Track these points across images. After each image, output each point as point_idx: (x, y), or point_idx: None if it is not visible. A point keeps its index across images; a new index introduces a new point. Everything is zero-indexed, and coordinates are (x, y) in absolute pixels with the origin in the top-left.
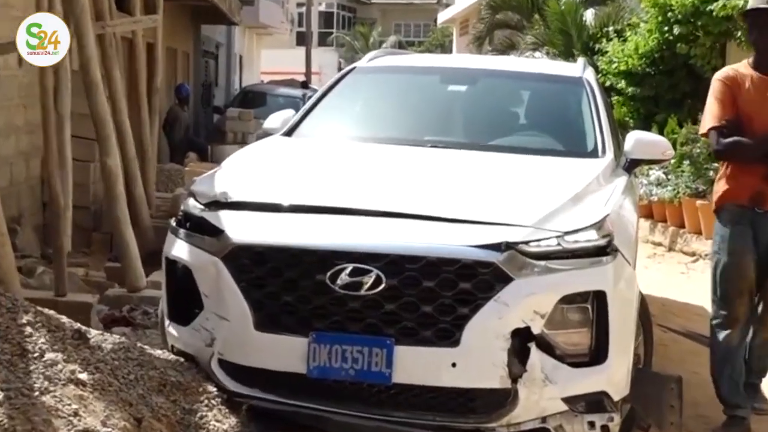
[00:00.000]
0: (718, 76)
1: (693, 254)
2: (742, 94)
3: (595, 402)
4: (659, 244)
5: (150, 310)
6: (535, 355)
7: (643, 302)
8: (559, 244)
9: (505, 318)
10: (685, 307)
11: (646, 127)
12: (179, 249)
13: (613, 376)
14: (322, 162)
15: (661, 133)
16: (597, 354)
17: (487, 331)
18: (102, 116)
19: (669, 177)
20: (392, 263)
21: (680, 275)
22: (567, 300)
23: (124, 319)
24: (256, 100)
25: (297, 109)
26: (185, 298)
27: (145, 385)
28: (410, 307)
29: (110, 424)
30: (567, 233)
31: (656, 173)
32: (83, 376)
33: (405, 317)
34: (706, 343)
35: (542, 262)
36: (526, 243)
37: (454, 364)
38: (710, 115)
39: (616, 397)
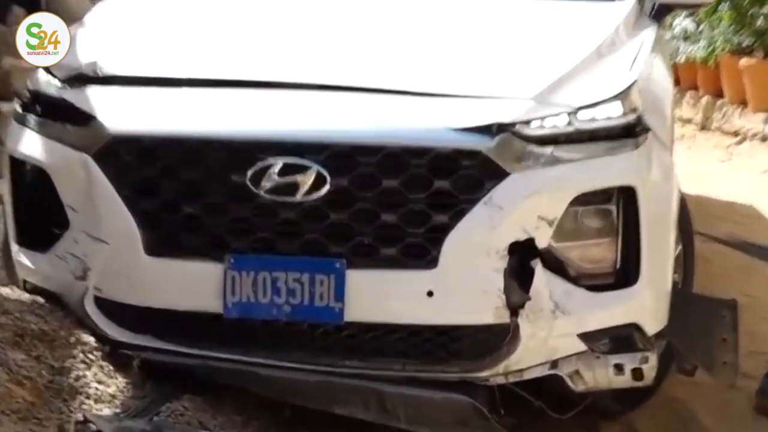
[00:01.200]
0: None
1: (736, 134)
2: None
3: (624, 338)
4: (689, 121)
5: None
6: (541, 276)
7: (683, 202)
8: (570, 124)
9: (499, 227)
10: (730, 207)
11: None
12: (29, 144)
13: (647, 303)
14: (225, 13)
15: None
16: (625, 273)
17: (475, 247)
18: None
19: (701, 28)
20: (339, 156)
21: (719, 164)
22: (583, 200)
23: None
24: None
25: None
26: (40, 214)
27: None
28: (366, 217)
29: None
30: (581, 108)
31: (683, 23)
32: None
33: (359, 231)
34: (761, 255)
35: (548, 149)
36: (526, 123)
37: (430, 293)
38: None
39: (651, 331)
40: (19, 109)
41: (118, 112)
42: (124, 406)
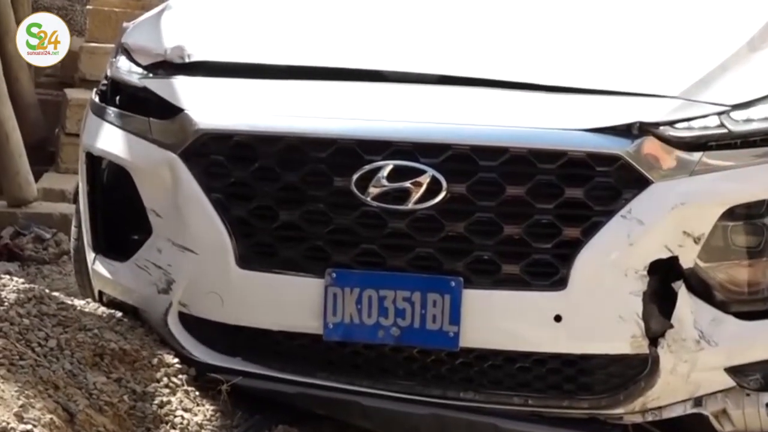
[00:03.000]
0: None
1: None
2: None
3: None
4: None
5: (47, 235)
6: (686, 301)
7: None
8: (722, 125)
9: (638, 244)
10: None
11: None
12: (108, 139)
13: None
14: None
15: None
16: None
17: (611, 266)
18: None
19: None
20: (457, 159)
21: None
22: (735, 215)
23: (6, 249)
24: None
25: None
26: (120, 218)
27: (74, 357)
28: (486, 229)
29: (29, 419)
30: (735, 107)
31: None
32: None
33: (478, 245)
34: None
35: (697, 155)
36: (671, 124)
37: (558, 318)
38: None
39: None
40: (97, 100)
41: (209, 105)
42: None
